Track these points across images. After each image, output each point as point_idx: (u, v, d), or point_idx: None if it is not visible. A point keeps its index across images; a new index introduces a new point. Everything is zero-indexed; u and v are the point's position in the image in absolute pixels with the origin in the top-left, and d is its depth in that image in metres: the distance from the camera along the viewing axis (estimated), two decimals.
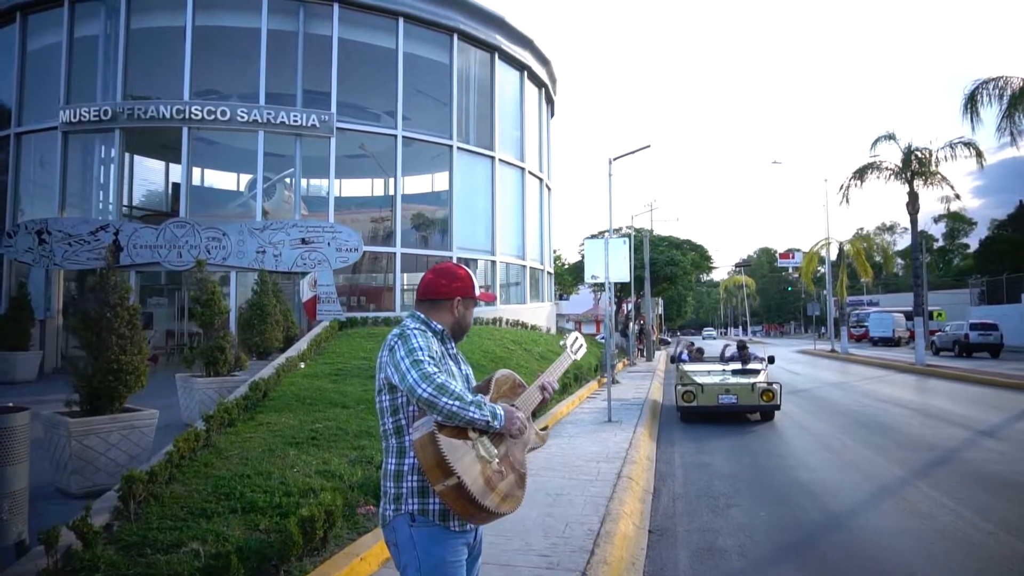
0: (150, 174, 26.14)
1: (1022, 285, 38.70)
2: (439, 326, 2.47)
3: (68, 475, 5.73)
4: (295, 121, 18.34)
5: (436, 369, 2.19)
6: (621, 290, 35.15)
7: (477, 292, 2.55)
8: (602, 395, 14.52)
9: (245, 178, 25.51)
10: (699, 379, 11.55)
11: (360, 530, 4.83)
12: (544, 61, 25.54)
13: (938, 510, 6.07)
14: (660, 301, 42.27)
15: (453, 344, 2.53)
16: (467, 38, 21.58)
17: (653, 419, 11.91)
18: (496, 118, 22.55)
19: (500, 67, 23.02)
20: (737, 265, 73.28)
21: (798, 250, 56.55)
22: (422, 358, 2.21)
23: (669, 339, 38.53)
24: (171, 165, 24.54)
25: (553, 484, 6.91)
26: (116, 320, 6.09)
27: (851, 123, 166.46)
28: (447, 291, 2.49)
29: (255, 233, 17.52)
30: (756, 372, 12.02)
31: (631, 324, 32.24)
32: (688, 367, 13.01)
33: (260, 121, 18.04)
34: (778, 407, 11.15)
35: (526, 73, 24.47)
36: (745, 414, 11.75)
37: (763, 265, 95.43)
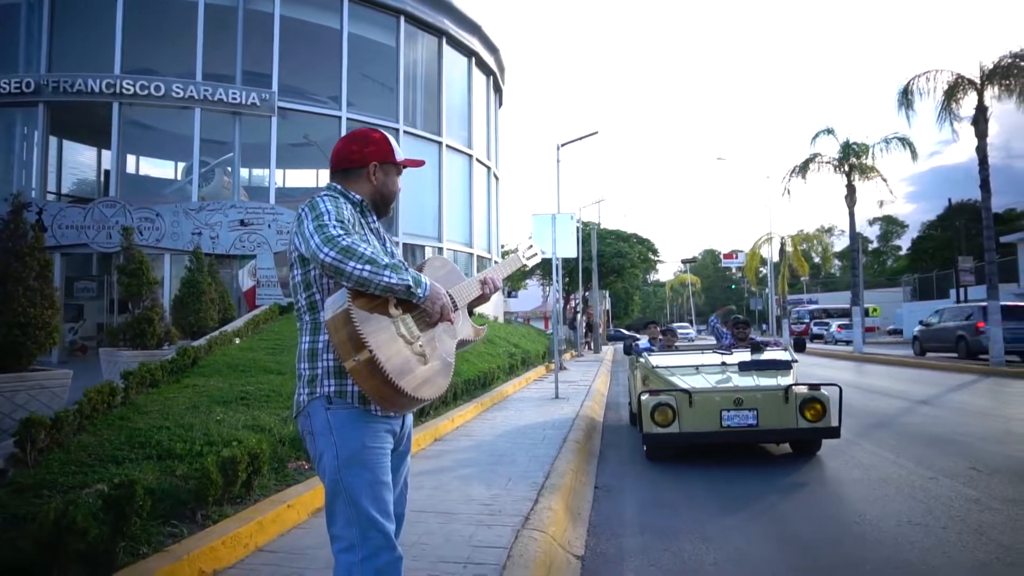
0: (80, 162, 24.86)
1: (950, 281, 40.35)
2: (357, 196, 2.22)
3: None
4: (234, 99, 17.64)
5: (344, 232, 1.93)
6: (569, 284, 35.25)
7: (398, 157, 2.28)
8: (549, 379, 14.42)
9: (182, 167, 24.52)
10: (683, 382, 6.38)
11: (290, 482, 4.53)
12: (492, 49, 25.34)
13: (880, 462, 6.11)
14: (608, 297, 42.54)
15: (375, 217, 2.28)
16: (414, 21, 21.20)
17: (599, 401, 11.82)
18: (444, 104, 22.23)
19: (448, 52, 22.71)
20: (684, 261, 74.41)
21: (741, 251, 57.78)
22: (326, 221, 1.95)
23: (625, 332, 37.42)
24: (103, 152, 23.33)
25: (497, 446, 6.71)
26: (25, 270, 5.61)
27: (793, 123, 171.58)
28: (360, 157, 2.22)
29: (191, 214, 16.79)
30: (783, 367, 6.65)
31: (579, 317, 32.35)
32: (657, 360, 7.18)
33: (197, 98, 17.30)
34: (835, 432, 6.06)
35: (474, 60, 24.22)
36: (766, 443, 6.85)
37: (708, 266, 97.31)
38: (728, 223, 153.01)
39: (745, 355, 7.09)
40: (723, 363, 6.88)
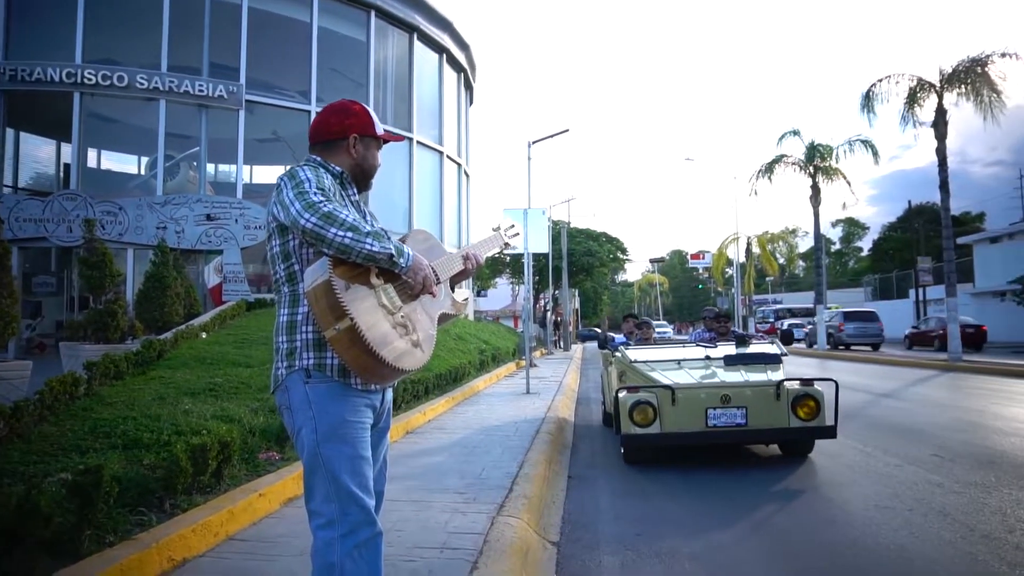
0: (38, 156, 24.15)
1: (910, 281, 41.39)
2: (337, 168, 2.18)
3: None
4: (200, 91, 17.30)
5: (325, 199, 1.90)
6: (539, 282, 35.32)
7: (379, 130, 2.25)
8: (519, 375, 14.45)
9: (146, 161, 23.95)
10: (664, 377, 5.85)
11: (261, 472, 4.45)
12: (464, 46, 25.26)
13: (847, 450, 6.23)
14: (577, 296, 42.74)
15: (355, 190, 2.24)
16: (385, 16, 21.02)
17: (571, 396, 11.86)
18: (414, 100, 22.08)
19: (419, 48, 22.57)
20: (652, 261, 75.10)
21: (708, 251, 58.53)
22: (307, 189, 1.91)
23: (598, 330, 37.20)
24: (63, 146, 22.68)
25: (470, 439, 6.69)
26: None
27: (760, 125, 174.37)
28: (340, 129, 2.18)
29: (155, 208, 16.42)
30: (772, 361, 6.14)
31: (548, 315, 32.46)
32: (635, 354, 6.64)
33: (162, 89, 16.92)
34: (831, 432, 5.59)
35: (445, 56, 24.12)
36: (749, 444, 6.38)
37: (675, 266, 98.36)
38: (696, 223, 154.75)
39: (730, 348, 6.56)
40: (707, 357, 6.31)
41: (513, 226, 2.72)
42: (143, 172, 24.14)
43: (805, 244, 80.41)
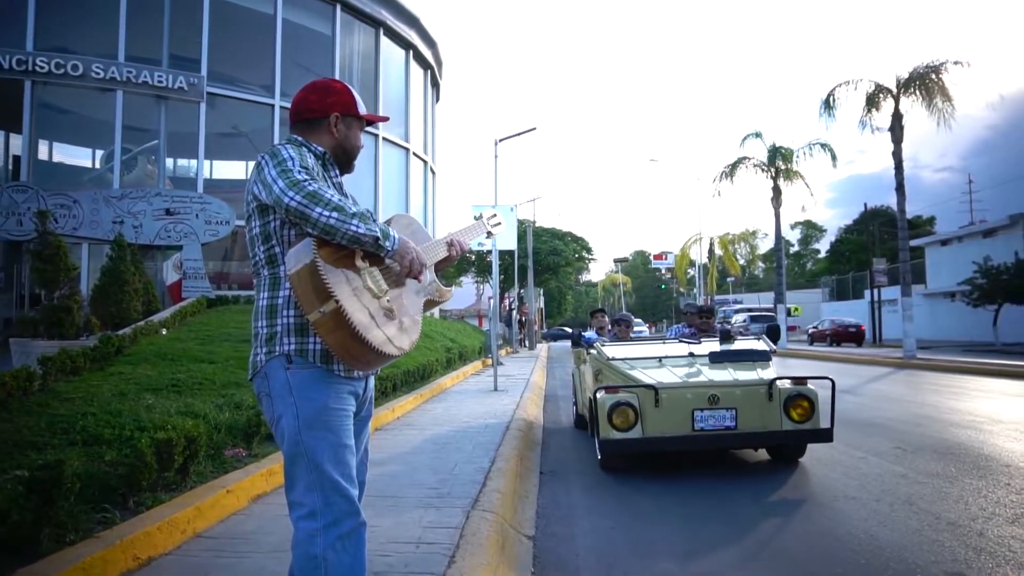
0: None
1: (866, 282, 42.51)
2: (319, 148, 2.11)
3: None
4: (159, 82, 16.87)
5: (309, 178, 1.84)
6: (505, 281, 35.31)
7: (361, 110, 2.18)
8: (486, 373, 14.40)
9: (101, 155, 23.24)
10: (646, 376, 5.34)
11: (228, 469, 4.33)
12: (431, 42, 25.13)
13: (813, 445, 6.30)
14: (542, 295, 42.87)
15: (338, 172, 2.18)
16: (351, 10, 20.79)
17: (538, 393, 11.86)
18: (380, 96, 21.90)
19: (385, 44, 22.39)
20: (616, 261, 75.73)
21: (670, 252, 59.26)
22: (291, 167, 1.85)
23: (568, 329, 37.17)
24: (11, 136, 21.89)
25: (441, 435, 6.63)
26: None
27: (722, 128, 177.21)
28: (321, 107, 2.11)
29: (112, 202, 15.92)
30: (761, 358, 5.72)
31: (514, 314, 32.47)
32: (612, 351, 6.06)
33: (119, 80, 16.45)
34: (827, 435, 5.20)
35: (412, 52, 23.96)
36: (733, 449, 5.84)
37: (638, 266, 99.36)
38: (659, 224, 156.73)
39: (714, 345, 6.06)
40: (691, 354, 5.78)
41: (495, 215, 2.69)
42: (98, 165, 23.42)
43: (765, 245, 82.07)
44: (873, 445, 6.21)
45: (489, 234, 2.59)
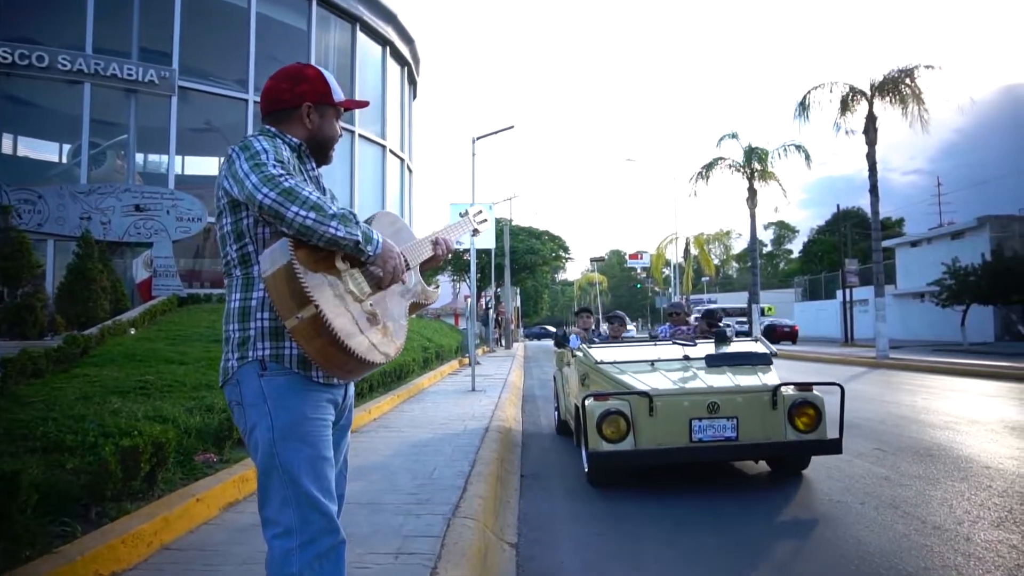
0: None
1: (837, 283, 43.14)
2: (295, 140, 1.97)
3: None
4: (129, 75, 16.45)
5: (285, 172, 1.70)
6: (481, 280, 35.17)
7: (337, 97, 2.03)
8: (463, 372, 14.28)
9: (68, 149, 22.63)
10: (639, 381, 4.88)
11: (198, 476, 4.16)
12: (408, 39, 24.89)
13: None
14: (518, 294, 42.80)
15: (314, 165, 2.04)
16: (327, 4, 20.51)
17: (516, 393, 11.76)
18: (356, 92, 21.59)
19: (362, 40, 22.12)
20: (593, 260, 75.96)
21: (646, 251, 59.59)
22: (264, 160, 1.71)
23: (553, 328, 36.04)
24: None
25: (419, 438, 6.49)
26: None
27: (699, 129, 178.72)
28: (292, 97, 1.96)
29: (79, 197, 15.50)
30: (762, 361, 5.29)
31: (490, 312, 32.35)
32: (600, 354, 5.63)
33: (87, 72, 16.01)
34: (835, 446, 4.83)
35: (389, 49, 23.71)
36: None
37: (614, 265, 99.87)
38: (635, 224, 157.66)
39: (709, 346, 5.66)
40: (686, 357, 5.38)
41: (480, 211, 2.58)
42: (65, 160, 22.82)
43: (739, 246, 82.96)
44: (854, 446, 6.18)
45: (475, 231, 2.48)
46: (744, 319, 30.67)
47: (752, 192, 25.48)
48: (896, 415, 8.33)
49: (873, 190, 18.87)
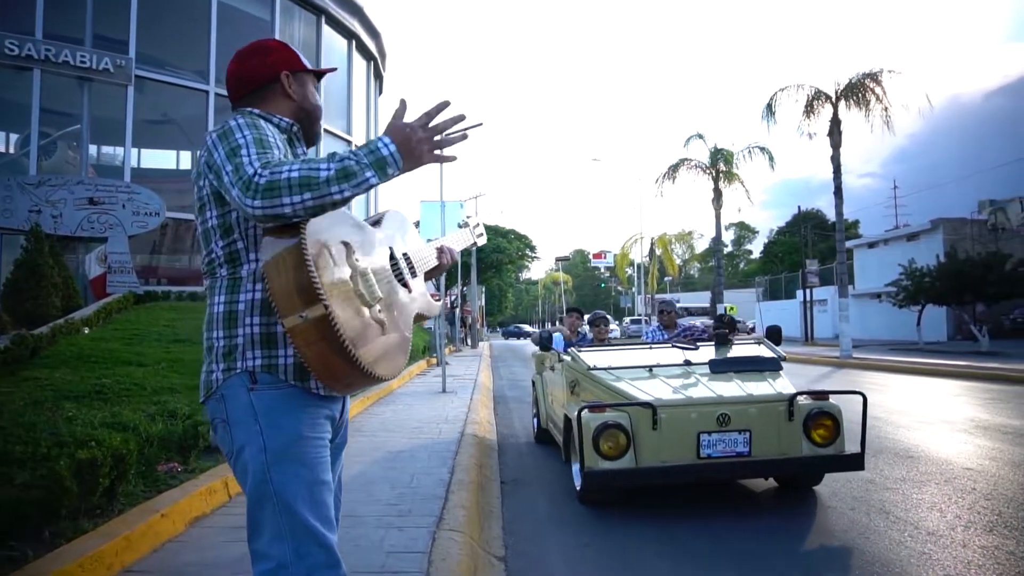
0: None
1: (798, 283, 43.92)
2: (286, 120, 1.76)
3: None
4: (82, 62, 15.77)
5: (264, 163, 1.44)
6: (448, 278, 34.87)
7: (307, 63, 1.84)
8: (432, 373, 14.06)
9: (15, 139, 21.65)
10: (639, 390, 4.42)
11: (161, 487, 3.88)
12: (374, 33, 24.47)
13: None
14: (484, 293, 42.59)
15: (304, 147, 1.83)
16: None
17: (487, 394, 11.58)
18: (321, 87, 20.99)
19: (327, 32, 21.65)
20: (558, 259, 76.18)
21: (609, 251, 59.93)
22: (244, 156, 1.46)
23: (531, 329, 35.69)
24: None
25: (393, 444, 6.27)
26: None
27: (664, 130, 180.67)
28: (267, 69, 1.76)
29: (28, 189, 14.79)
30: (771, 366, 4.82)
31: (457, 312, 32.11)
32: (593, 358, 5.11)
33: (36, 58, 15.29)
34: (857, 462, 4.38)
35: (355, 43, 23.26)
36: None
37: (578, 265, 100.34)
38: (599, 223, 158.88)
39: (711, 351, 5.20)
40: (687, 362, 4.87)
41: (479, 224, 2.60)
42: (12, 151, 21.79)
43: (701, 246, 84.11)
44: None
45: (475, 243, 2.47)
46: (708, 318, 31.00)
47: (718, 193, 25.74)
48: (869, 415, 8.34)
49: (837, 192, 19.16)
